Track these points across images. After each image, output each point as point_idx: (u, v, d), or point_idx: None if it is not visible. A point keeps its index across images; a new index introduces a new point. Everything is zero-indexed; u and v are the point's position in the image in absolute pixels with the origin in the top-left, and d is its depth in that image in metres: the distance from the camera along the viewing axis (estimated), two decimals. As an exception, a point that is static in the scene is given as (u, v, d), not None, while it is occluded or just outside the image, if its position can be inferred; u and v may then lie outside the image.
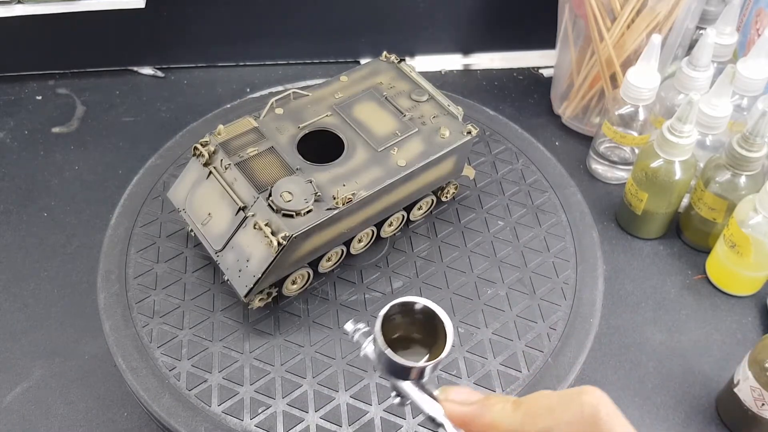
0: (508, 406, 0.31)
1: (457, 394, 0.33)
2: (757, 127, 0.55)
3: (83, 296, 0.60)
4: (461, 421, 0.32)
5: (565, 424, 0.29)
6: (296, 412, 0.45)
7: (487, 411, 0.31)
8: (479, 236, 0.56)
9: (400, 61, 0.57)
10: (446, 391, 0.33)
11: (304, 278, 0.51)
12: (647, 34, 0.66)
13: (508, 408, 0.31)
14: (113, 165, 0.71)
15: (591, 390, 0.29)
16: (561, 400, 0.30)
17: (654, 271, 0.64)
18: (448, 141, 0.51)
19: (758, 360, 0.49)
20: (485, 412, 0.31)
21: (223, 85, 0.81)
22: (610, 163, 0.70)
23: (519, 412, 0.31)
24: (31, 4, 0.73)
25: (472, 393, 0.33)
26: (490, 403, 0.31)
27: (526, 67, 0.84)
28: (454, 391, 0.33)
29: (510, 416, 0.31)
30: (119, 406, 0.54)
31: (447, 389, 0.33)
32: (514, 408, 0.31)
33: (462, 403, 0.32)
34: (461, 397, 0.32)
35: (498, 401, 0.31)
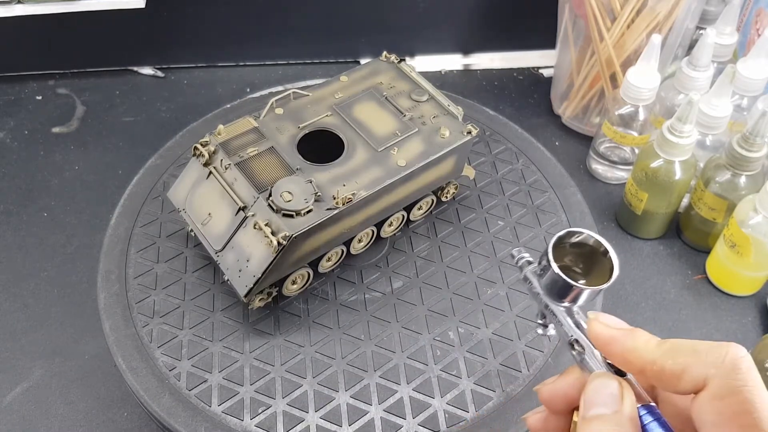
0: (653, 340, 0.31)
1: (607, 318, 0.34)
2: (757, 127, 0.55)
3: (83, 296, 0.60)
4: (604, 342, 0.33)
5: (703, 364, 0.29)
6: (296, 412, 0.45)
7: (632, 338, 0.32)
8: (479, 236, 0.56)
9: (400, 61, 0.57)
10: (597, 314, 0.34)
11: (304, 278, 0.51)
12: (647, 34, 0.66)
13: (653, 341, 0.31)
14: (113, 165, 0.71)
15: (739, 345, 0.30)
16: (705, 345, 0.30)
17: (654, 271, 0.64)
18: (448, 141, 0.51)
19: (758, 360, 0.49)
20: (629, 338, 0.32)
21: (223, 85, 0.81)
22: (610, 163, 0.70)
23: (663, 346, 0.31)
24: (31, 4, 0.73)
25: (621, 322, 0.33)
26: (637, 333, 0.32)
27: (526, 67, 0.84)
28: (605, 316, 0.34)
29: (653, 348, 0.31)
30: (119, 406, 0.54)
31: (598, 312, 0.34)
32: (659, 342, 0.31)
33: (609, 326, 0.33)
34: (611, 322, 0.33)
35: (644, 334, 0.32)
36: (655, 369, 0.30)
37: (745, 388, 0.28)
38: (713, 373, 0.29)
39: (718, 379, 0.28)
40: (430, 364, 0.48)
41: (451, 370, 0.48)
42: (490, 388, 0.47)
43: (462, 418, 0.45)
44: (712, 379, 0.28)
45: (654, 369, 0.30)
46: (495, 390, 0.47)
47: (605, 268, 0.36)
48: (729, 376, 0.28)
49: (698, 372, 0.29)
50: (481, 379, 0.47)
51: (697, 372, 0.29)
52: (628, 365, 0.32)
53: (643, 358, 0.31)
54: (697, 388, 0.29)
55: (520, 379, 0.47)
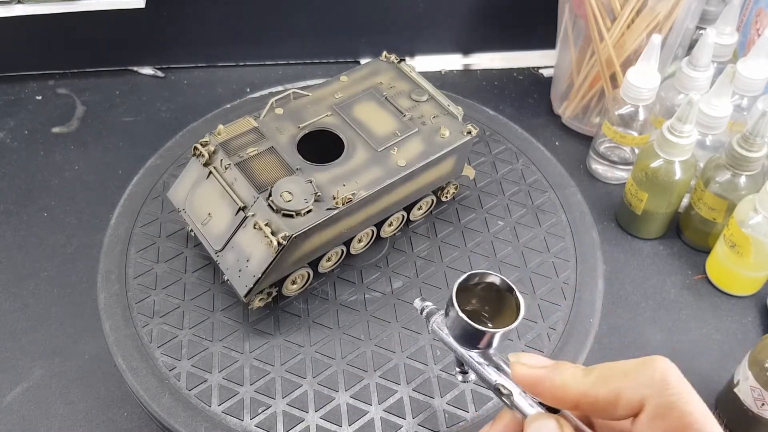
0: (579, 371, 0.31)
1: (528, 358, 0.33)
2: (757, 127, 0.55)
3: (83, 296, 0.60)
4: (531, 383, 0.32)
5: (635, 386, 0.29)
6: (296, 412, 0.45)
7: (558, 374, 0.31)
8: (479, 236, 0.56)
9: (400, 61, 0.57)
10: (518, 356, 0.33)
11: (304, 278, 0.51)
12: (647, 34, 0.66)
13: (579, 372, 0.31)
14: (113, 165, 0.71)
15: (661, 358, 0.30)
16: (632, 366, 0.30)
17: (654, 271, 0.64)
18: (448, 141, 0.51)
19: (758, 360, 0.49)
20: (555, 375, 0.31)
21: (223, 85, 0.81)
22: (610, 163, 0.70)
23: (590, 376, 0.31)
24: (31, 4, 0.73)
25: (543, 359, 0.33)
26: (562, 368, 0.31)
27: (526, 67, 0.84)
28: (526, 356, 0.33)
29: (580, 379, 0.31)
30: (119, 406, 0.54)
31: (518, 354, 0.34)
32: (586, 372, 0.31)
33: (533, 366, 0.32)
34: (533, 361, 0.33)
35: (569, 366, 0.31)
36: (588, 401, 0.30)
37: (680, 401, 0.28)
38: (648, 394, 0.29)
39: (654, 399, 0.28)
40: (430, 364, 0.48)
41: (451, 370, 0.47)
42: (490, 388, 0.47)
43: (462, 418, 0.45)
44: (648, 399, 0.29)
45: (588, 401, 0.30)
46: (495, 390, 0.47)
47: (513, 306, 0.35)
48: (663, 393, 0.28)
49: (632, 395, 0.29)
50: (481, 379, 0.47)
51: (631, 395, 0.29)
52: (560, 402, 0.31)
53: (574, 391, 0.30)
54: (635, 411, 0.29)
55: (520, 379, 0.47)
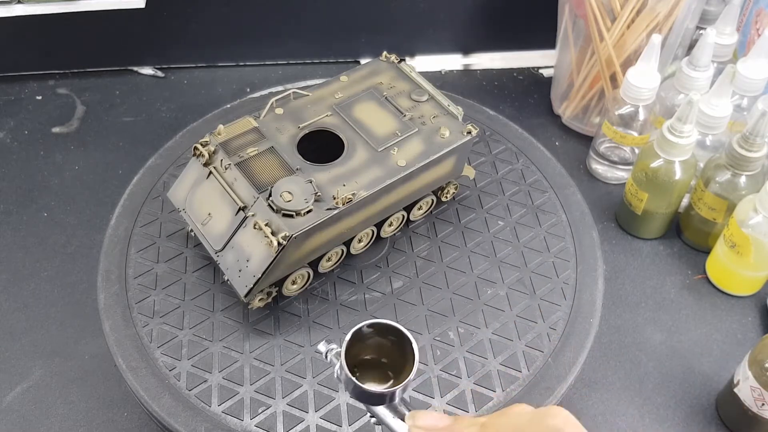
0: (475, 430, 0.31)
1: (424, 420, 0.33)
2: (757, 127, 0.55)
3: (83, 296, 0.60)
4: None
5: None
6: (296, 412, 0.45)
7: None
8: (479, 236, 0.56)
9: (400, 61, 0.57)
10: (414, 417, 0.34)
11: (304, 278, 0.51)
12: (647, 34, 0.66)
13: (474, 430, 0.31)
14: (113, 165, 0.71)
15: (557, 412, 0.30)
16: (527, 422, 0.30)
17: (654, 271, 0.64)
18: (448, 141, 0.51)
19: (758, 360, 0.49)
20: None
21: (223, 85, 0.81)
22: (610, 163, 0.70)
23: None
24: (31, 4, 0.73)
25: (441, 417, 0.33)
26: (457, 428, 0.32)
27: (526, 67, 0.84)
28: (421, 417, 0.33)
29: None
30: (119, 406, 0.54)
31: (416, 414, 0.34)
32: (482, 430, 0.31)
33: (429, 429, 0.33)
34: (429, 423, 0.33)
35: (465, 426, 0.32)
36: None
37: None
38: None
39: None
40: (430, 364, 0.48)
41: (451, 370, 0.48)
42: (490, 388, 0.47)
43: (462, 418, 0.45)
44: None
45: None
46: (495, 390, 0.47)
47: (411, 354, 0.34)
48: None
49: None
50: (481, 379, 0.47)
51: None
52: None
53: None
54: None
55: (520, 379, 0.47)
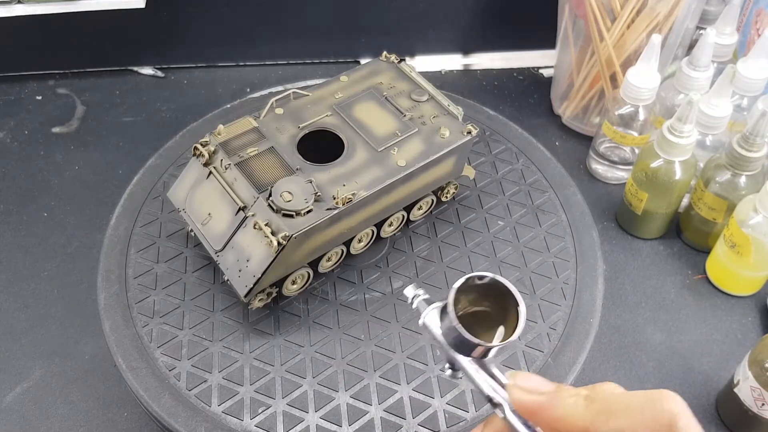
0: (581, 402, 0.29)
1: (527, 381, 0.31)
2: (757, 127, 0.55)
3: (83, 296, 0.60)
4: (528, 411, 0.30)
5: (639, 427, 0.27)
6: (296, 412, 0.45)
7: (558, 403, 0.30)
8: (479, 236, 0.56)
9: (400, 61, 0.57)
10: (515, 377, 0.31)
11: (304, 278, 0.51)
12: (647, 34, 0.66)
13: (581, 403, 0.29)
14: (113, 165, 0.71)
15: (672, 397, 0.28)
16: (638, 402, 0.28)
17: (654, 271, 0.64)
18: (448, 141, 0.51)
19: (758, 360, 0.49)
20: (556, 404, 0.30)
21: (223, 85, 0.81)
22: (610, 163, 0.70)
23: (592, 409, 0.29)
24: (31, 4, 0.73)
25: (543, 382, 0.31)
26: (562, 395, 0.30)
27: (526, 67, 0.84)
28: (523, 377, 0.31)
29: (582, 412, 0.29)
30: (119, 406, 0.54)
31: (516, 374, 0.31)
32: (588, 404, 0.29)
33: (532, 392, 0.30)
34: (532, 385, 0.31)
35: (570, 394, 0.30)
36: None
37: None
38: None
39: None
40: (430, 364, 0.48)
41: (451, 370, 0.47)
42: (490, 388, 0.47)
43: (462, 418, 0.45)
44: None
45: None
46: (495, 390, 0.47)
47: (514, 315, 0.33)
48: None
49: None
50: (481, 379, 0.47)
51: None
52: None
53: (575, 425, 0.29)
54: None
55: (520, 379, 0.47)
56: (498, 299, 0.34)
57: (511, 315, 0.34)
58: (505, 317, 0.34)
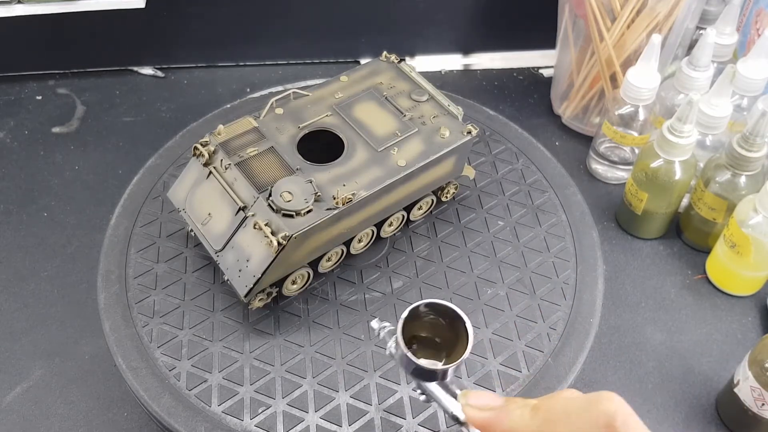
0: (527, 412, 0.31)
1: (476, 399, 0.33)
2: (757, 127, 0.55)
3: (83, 296, 0.60)
4: (480, 426, 0.33)
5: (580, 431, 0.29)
6: (296, 412, 0.45)
7: (506, 417, 0.32)
8: (479, 236, 0.56)
9: (400, 61, 0.57)
10: (466, 396, 0.34)
11: (304, 278, 0.51)
12: (647, 34, 0.66)
13: (527, 414, 0.31)
14: (113, 165, 0.71)
15: (609, 397, 0.29)
16: (579, 407, 0.30)
17: (654, 271, 0.64)
18: (448, 141, 0.51)
19: (758, 360, 0.49)
20: (504, 418, 0.32)
21: (223, 85, 0.81)
22: (610, 163, 0.70)
23: (537, 418, 0.31)
24: (31, 4, 0.73)
25: (493, 398, 0.33)
26: (509, 409, 0.32)
27: (526, 67, 0.84)
28: (474, 396, 0.33)
29: (528, 422, 0.31)
30: (119, 406, 0.54)
31: (467, 393, 0.34)
32: (533, 414, 0.31)
33: (482, 408, 0.33)
34: (481, 402, 0.33)
35: (517, 407, 0.32)
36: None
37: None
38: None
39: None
40: (430, 364, 0.48)
41: (451, 370, 0.47)
42: (490, 388, 0.47)
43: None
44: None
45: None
46: (495, 390, 0.47)
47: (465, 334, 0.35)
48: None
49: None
50: (481, 379, 0.47)
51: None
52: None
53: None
54: None
55: (520, 379, 0.47)
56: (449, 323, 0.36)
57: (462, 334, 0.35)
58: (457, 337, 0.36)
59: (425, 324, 0.37)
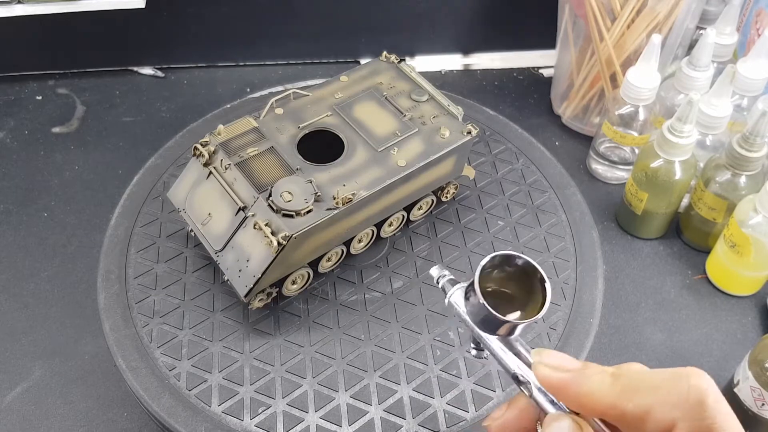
0: (607, 379, 0.29)
1: (553, 358, 0.31)
2: (757, 127, 0.55)
3: (83, 296, 0.60)
4: (554, 388, 0.30)
5: (666, 404, 0.27)
6: (296, 412, 0.45)
7: (584, 380, 0.29)
8: (479, 236, 0.56)
9: (400, 61, 0.57)
10: (541, 354, 0.31)
11: (304, 278, 0.51)
12: (647, 34, 0.66)
13: (607, 380, 0.29)
14: (113, 165, 0.71)
15: (699, 373, 0.28)
16: (665, 379, 0.28)
17: (654, 271, 0.64)
18: (448, 141, 0.51)
19: (758, 360, 0.49)
20: (582, 382, 0.29)
21: (223, 85, 0.81)
22: (610, 163, 0.70)
23: (617, 386, 0.28)
24: (31, 4, 0.73)
25: (569, 359, 0.31)
26: (588, 373, 0.29)
27: (526, 67, 0.84)
28: (549, 355, 0.31)
29: (608, 389, 0.28)
30: (119, 406, 0.54)
31: (542, 352, 0.31)
32: (613, 380, 0.29)
33: (557, 369, 0.30)
34: (557, 362, 0.30)
35: (596, 372, 0.29)
36: (615, 413, 0.28)
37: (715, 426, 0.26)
38: (679, 415, 0.27)
39: (686, 422, 0.26)
40: (430, 364, 0.48)
41: (451, 370, 0.48)
42: (490, 388, 0.47)
43: (462, 418, 0.45)
44: (680, 421, 0.27)
45: (614, 413, 0.28)
46: (495, 390, 0.47)
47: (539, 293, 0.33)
48: (696, 416, 0.26)
49: (663, 414, 0.27)
50: (481, 379, 0.47)
51: (661, 414, 0.27)
52: (585, 411, 0.29)
53: (601, 402, 0.28)
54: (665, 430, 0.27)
55: (520, 379, 0.47)
56: (522, 280, 0.34)
57: (535, 295, 0.33)
58: (529, 297, 0.34)
59: (497, 277, 0.34)
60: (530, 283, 0.34)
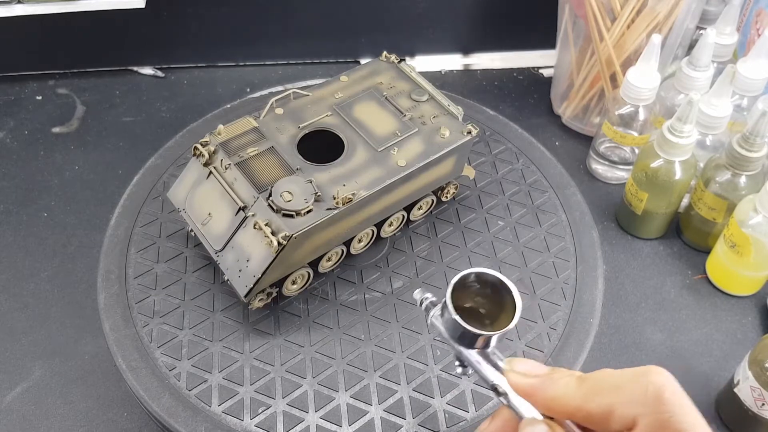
0: (573, 381, 0.31)
1: (522, 366, 0.33)
2: (757, 127, 0.55)
3: (83, 296, 0.60)
4: (524, 393, 0.32)
5: (627, 402, 0.29)
6: (296, 412, 0.45)
7: (551, 384, 0.31)
8: (479, 236, 0.56)
9: (400, 61, 0.57)
10: (512, 363, 0.33)
11: (304, 278, 0.51)
12: (647, 34, 0.66)
13: (572, 383, 0.31)
14: (113, 165, 0.71)
15: (658, 370, 0.29)
16: (626, 378, 0.29)
17: (654, 271, 0.64)
18: (448, 141, 0.51)
19: (758, 360, 0.49)
20: (549, 386, 0.31)
21: (223, 85, 0.81)
22: (610, 163, 0.70)
23: (582, 388, 0.30)
24: (31, 4, 0.73)
25: (538, 366, 0.33)
26: (555, 377, 0.31)
27: (526, 67, 0.84)
28: (519, 363, 0.33)
29: (573, 391, 0.30)
30: (119, 406, 0.54)
31: (512, 361, 0.33)
32: (579, 383, 0.31)
33: (526, 375, 0.32)
34: (526, 369, 0.33)
35: (562, 376, 0.31)
36: (582, 414, 0.30)
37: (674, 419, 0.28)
38: (640, 411, 0.28)
39: (646, 417, 0.28)
40: (430, 364, 0.48)
41: (451, 370, 0.47)
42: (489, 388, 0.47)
43: (462, 418, 0.45)
44: (641, 417, 0.28)
45: (581, 414, 0.30)
46: (495, 390, 0.47)
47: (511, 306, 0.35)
48: (655, 411, 0.28)
49: (625, 411, 0.29)
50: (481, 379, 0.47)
51: (623, 412, 0.29)
52: (553, 413, 0.31)
53: (568, 405, 0.30)
54: (628, 427, 0.29)
55: (520, 379, 0.47)
56: (495, 294, 0.36)
57: (507, 306, 0.36)
58: (502, 310, 0.36)
59: (470, 294, 0.37)
60: (501, 297, 0.36)
